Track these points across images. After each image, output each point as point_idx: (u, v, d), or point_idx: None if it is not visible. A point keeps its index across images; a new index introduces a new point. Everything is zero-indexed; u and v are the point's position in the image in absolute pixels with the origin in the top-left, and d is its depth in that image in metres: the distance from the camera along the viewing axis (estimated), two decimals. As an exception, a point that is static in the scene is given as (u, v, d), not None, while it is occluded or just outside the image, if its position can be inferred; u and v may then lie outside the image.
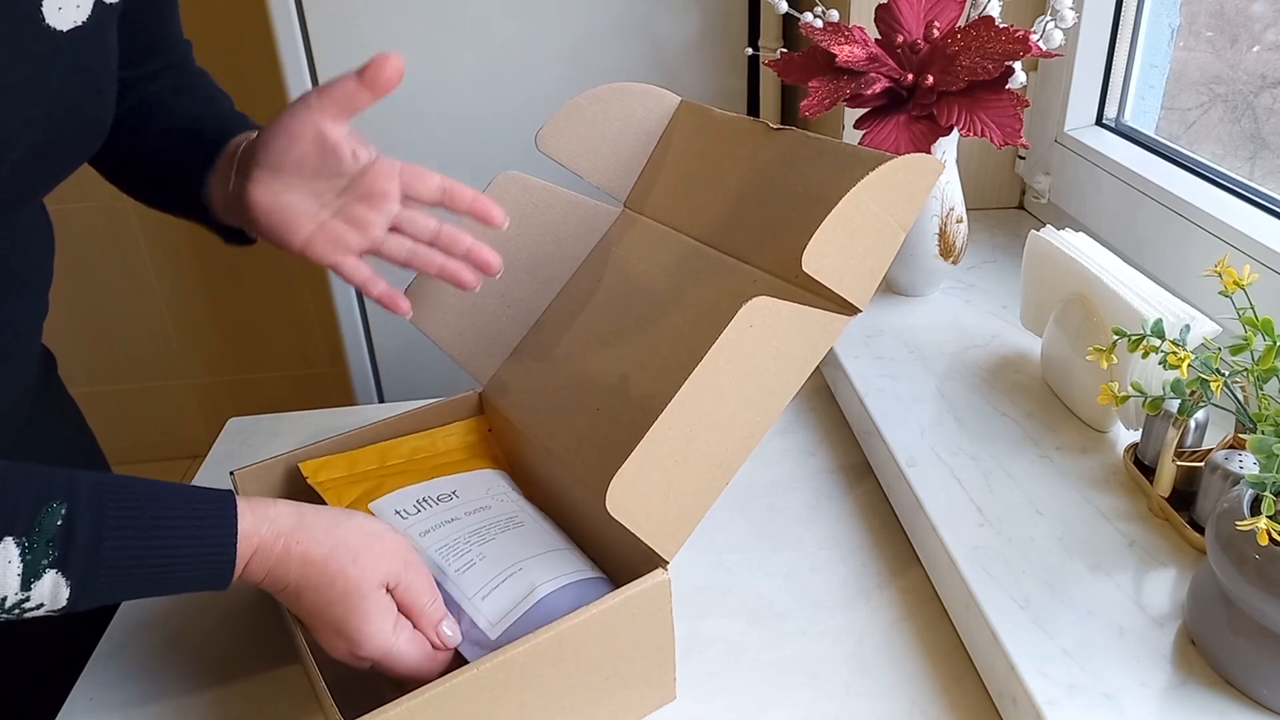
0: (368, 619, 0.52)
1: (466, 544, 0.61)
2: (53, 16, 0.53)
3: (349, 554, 0.52)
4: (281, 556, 0.51)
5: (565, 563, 0.59)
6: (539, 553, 0.60)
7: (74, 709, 0.61)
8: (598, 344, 0.67)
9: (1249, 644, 0.50)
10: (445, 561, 0.60)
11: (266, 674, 0.62)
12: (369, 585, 0.52)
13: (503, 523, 0.63)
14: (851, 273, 0.53)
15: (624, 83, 0.72)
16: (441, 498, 0.65)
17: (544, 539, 0.62)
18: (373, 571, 0.53)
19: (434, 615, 0.55)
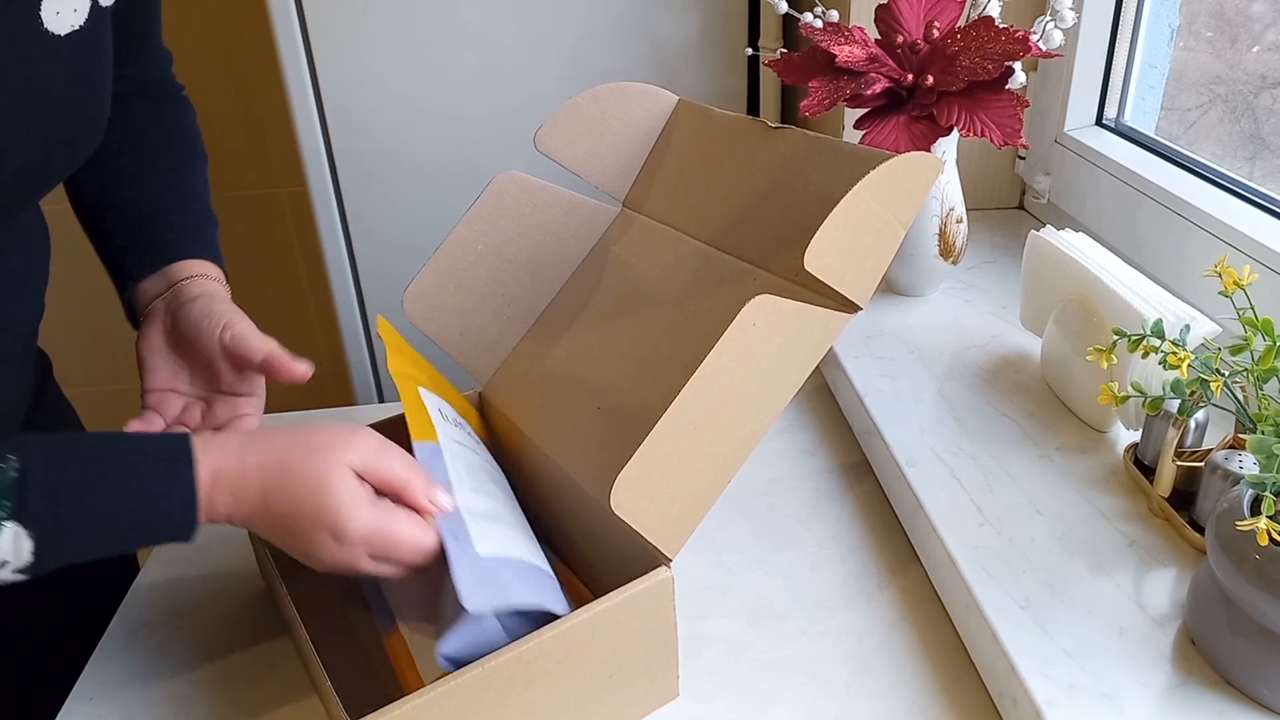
0: (341, 498, 0.50)
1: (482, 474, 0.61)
2: (51, 21, 0.53)
3: (305, 448, 0.51)
4: (239, 472, 0.50)
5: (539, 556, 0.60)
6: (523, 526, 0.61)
7: (74, 708, 0.61)
8: (598, 343, 0.67)
9: (1249, 644, 0.50)
10: (460, 478, 0.58)
11: (268, 674, 0.62)
12: (333, 465, 0.51)
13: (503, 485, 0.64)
14: (852, 271, 0.54)
15: (622, 82, 0.72)
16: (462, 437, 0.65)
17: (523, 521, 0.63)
18: (334, 456, 0.51)
19: (418, 482, 0.53)
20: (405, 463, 0.53)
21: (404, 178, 1.38)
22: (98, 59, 0.59)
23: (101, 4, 0.58)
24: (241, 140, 1.75)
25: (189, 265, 0.68)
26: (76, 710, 0.61)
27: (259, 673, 0.63)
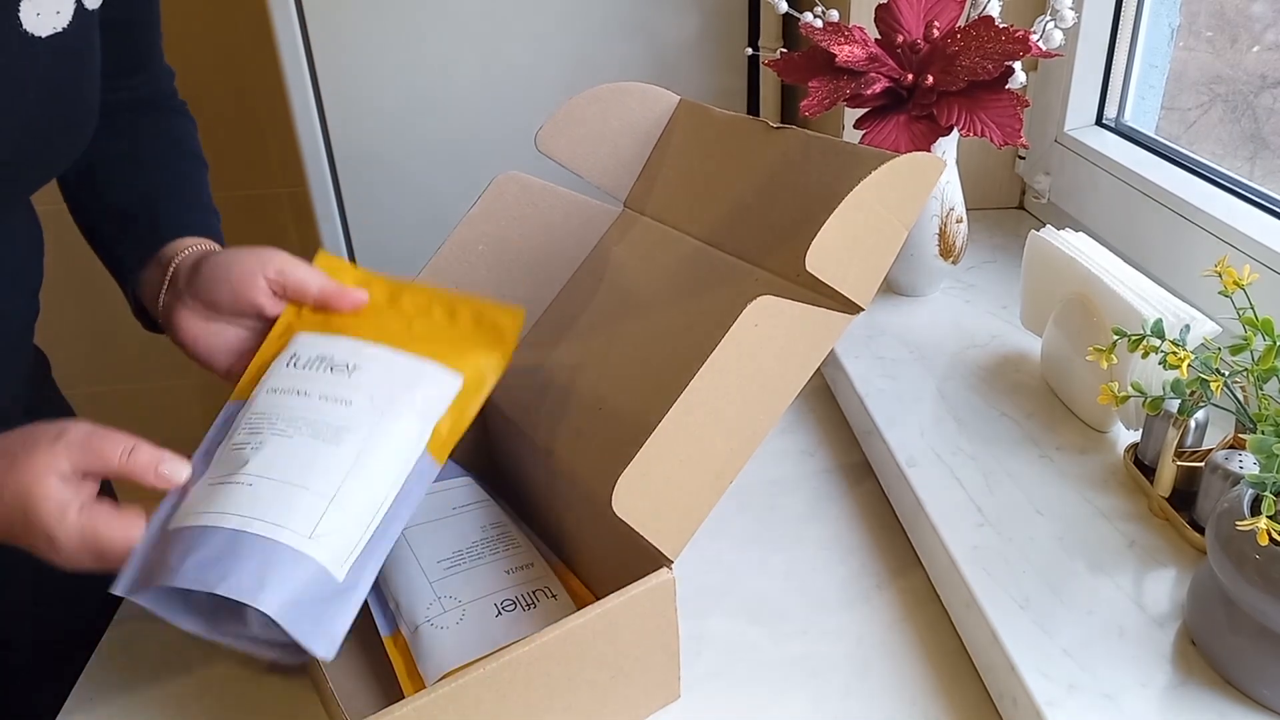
0: (44, 512, 0.48)
1: (274, 424, 0.53)
2: (31, 23, 0.53)
3: (8, 459, 0.48)
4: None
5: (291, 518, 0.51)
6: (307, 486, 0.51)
7: (74, 708, 0.61)
8: (599, 343, 0.67)
9: (1249, 644, 0.50)
10: (236, 431, 0.53)
11: (268, 674, 0.62)
12: (35, 474, 0.48)
13: (331, 432, 0.53)
14: (854, 272, 0.54)
15: (623, 82, 0.72)
16: (340, 366, 0.56)
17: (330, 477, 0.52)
18: (37, 464, 0.48)
19: (141, 462, 0.50)
20: (122, 446, 0.49)
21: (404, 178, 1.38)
22: (82, 61, 0.59)
23: (87, 6, 0.57)
24: (241, 140, 1.75)
25: (180, 243, 0.66)
26: (76, 710, 0.61)
27: (259, 673, 0.63)
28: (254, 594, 0.47)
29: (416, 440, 0.55)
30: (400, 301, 0.61)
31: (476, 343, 0.59)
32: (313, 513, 0.50)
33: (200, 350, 0.62)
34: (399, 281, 0.62)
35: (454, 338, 0.59)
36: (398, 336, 0.58)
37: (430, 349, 0.58)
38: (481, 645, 0.56)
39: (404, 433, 0.54)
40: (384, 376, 0.56)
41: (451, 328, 0.60)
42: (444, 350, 0.58)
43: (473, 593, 0.60)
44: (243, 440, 0.53)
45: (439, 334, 0.59)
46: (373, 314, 0.60)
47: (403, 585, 0.61)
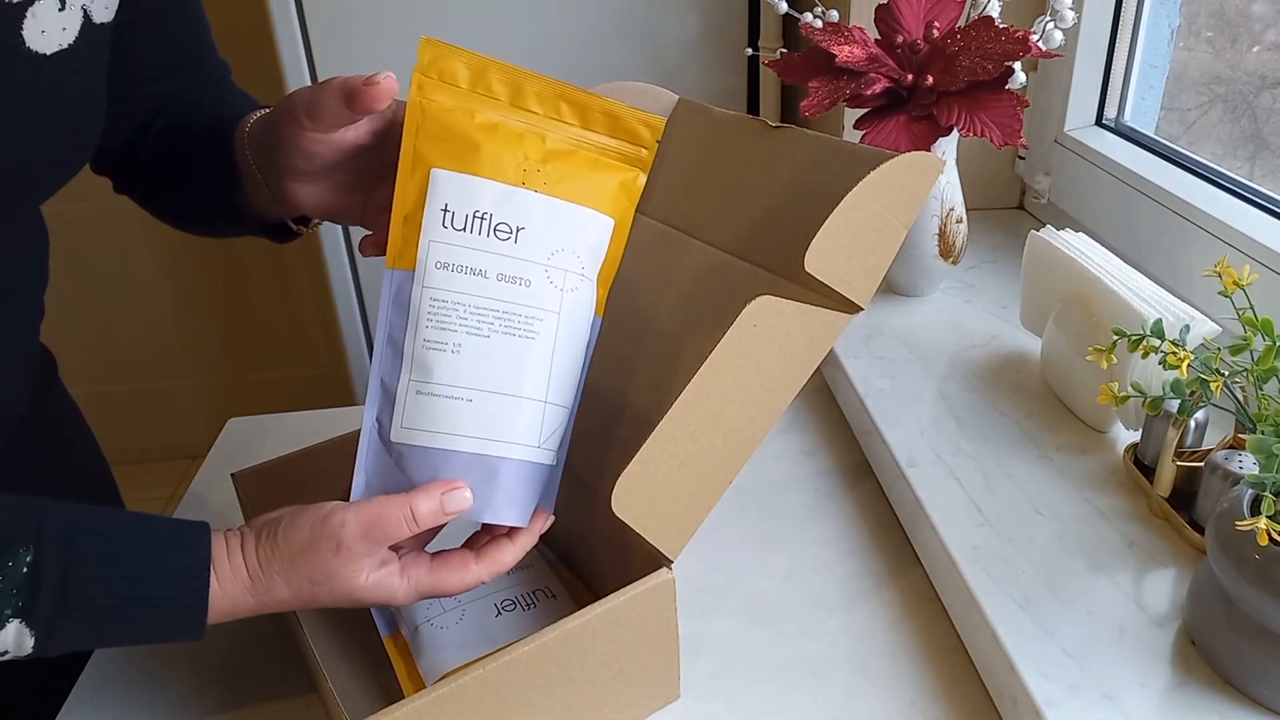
0: (374, 599, 0.51)
1: (465, 320, 0.52)
2: (35, 41, 0.53)
3: (317, 580, 0.50)
4: (256, 607, 0.51)
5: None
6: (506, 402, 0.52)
7: (74, 708, 0.61)
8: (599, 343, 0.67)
9: (1249, 644, 0.50)
10: (422, 321, 0.52)
11: (268, 674, 0.63)
12: (349, 586, 0.50)
13: (524, 326, 0.53)
14: (853, 272, 0.54)
15: (622, 81, 0.72)
16: (503, 229, 0.53)
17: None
18: (345, 578, 0.50)
19: (424, 518, 0.50)
20: (401, 517, 0.50)
21: (404, 178, 1.37)
22: (88, 77, 0.58)
23: (95, 21, 0.57)
24: (241, 140, 1.75)
25: (240, 128, 0.63)
26: (76, 710, 0.61)
27: (259, 673, 0.63)
28: (509, 515, 0.52)
29: (590, 307, 0.56)
30: (525, 98, 0.56)
31: (614, 160, 0.58)
32: (534, 422, 0.53)
33: (332, 216, 0.60)
34: (523, 72, 0.56)
35: (591, 156, 0.57)
36: (544, 169, 0.54)
37: (577, 183, 0.55)
38: (481, 645, 0.56)
39: (581, 308, 0.55)
40: (548, 240, 0.53)
41: (586, 137, 0.57)
42: (588, 182, 0.56)
43: (473, 593, 0.60)
44: (436, 339, 0.52)
45: (576, 151, 0.56)
46: (503, 123, 0.55)
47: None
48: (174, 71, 0.69)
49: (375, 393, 0.53)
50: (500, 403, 0.52)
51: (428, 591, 0.52)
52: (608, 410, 0.62)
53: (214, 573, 0.50)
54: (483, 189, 0.53)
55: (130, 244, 2.04)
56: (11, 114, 0.53)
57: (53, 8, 0.53)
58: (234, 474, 0.67)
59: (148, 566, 0.49)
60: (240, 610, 0.51)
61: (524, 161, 0.54)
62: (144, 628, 0.50)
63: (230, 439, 0.89)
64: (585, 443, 0.63)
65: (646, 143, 0.58)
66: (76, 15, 0.55)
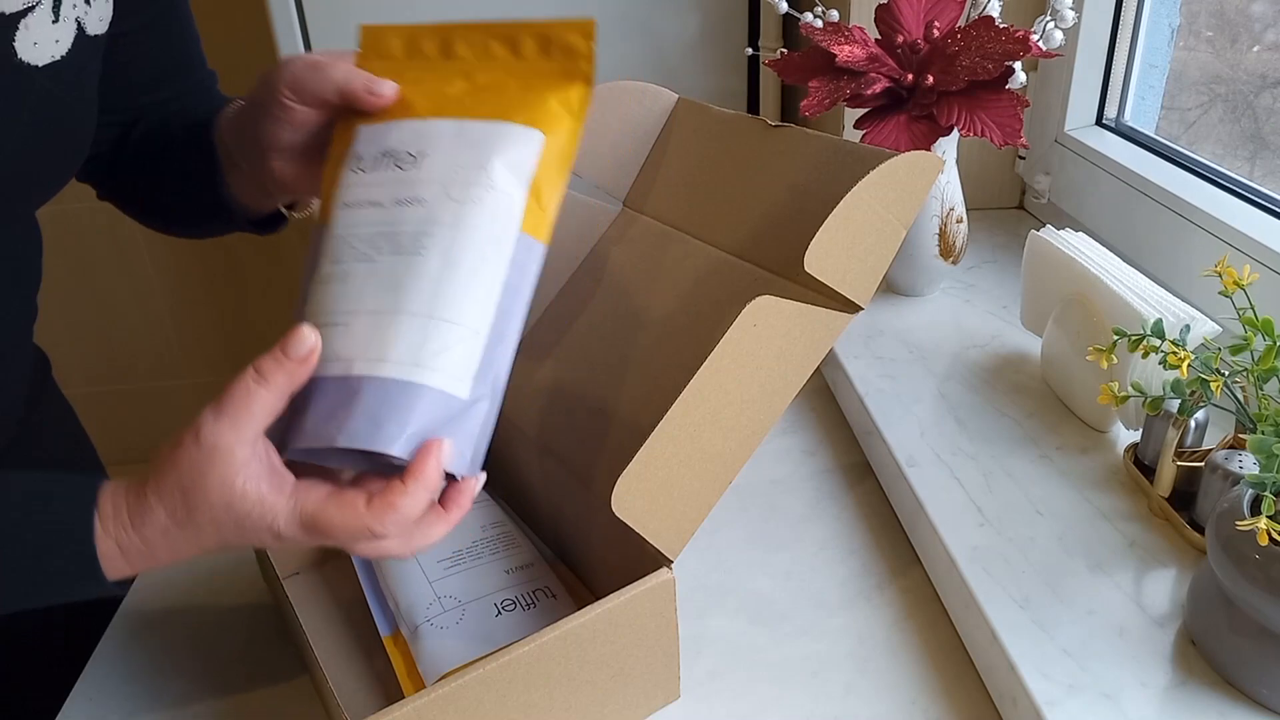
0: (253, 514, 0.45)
1: (356, 248, 0.48)
2: (26, 52, 0.53)
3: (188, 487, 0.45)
4: (140, 545, 0.46)
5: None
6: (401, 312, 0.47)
7: (74, 709, 0.61)
8: (599, 343, 0.67)
9: (1249, 644, 0.50)
10: (320, 261, 0.49)
11: (268, 674, 0.62)
12: (232, 487, 0.45)
13: (411, 241, 0.48)
14: (853, 271, 0.54)
15: (621, 81, 0.72)
16: (405, 158, 0.50)
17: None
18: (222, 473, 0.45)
19: (270, 376, 0.45)
20: (242, 380, 0.46)
21: (404, 178, 1.37)
22: (80, 89, 0.58)
23: (88, 33, 0.57)
24: (241, 140, 1.75)
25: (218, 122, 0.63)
26: (76, 710, 0.61)
27: (259, 673, 0.63)
28: (371, 438, 0.45)
29: (506, 222, 0.49)
30: (454, 48, 0.53)
31: (549, 79, 0.51)
32: (413, 337, 0.46)
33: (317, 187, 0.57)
34: (450, 26, 0.54)
35: (523, 80, 0.51)
36: (462, 100, 0.51)
37: (497, 104, 0.50)
38: (481, 645, 0.56)
39: (489, 218, 0.48)
40: (452, 158, 0.49)
41: (517, 66, 0.52)
42: (513, 101, 0.50)
43: (473, 593, 0.60)
44: (327, 273, 0.49)
45: (505, 80, 0.52)
46: (431, 76, 0.52)
47: (403, 585, 0.61)
48: (163, 81, 0.69)
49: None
50: (376, 322, 0.47)
51: (311, 523, 0.45)
52: (607, 410, 0.62)
53: (97, 513, 0.46)
54: (395, 130, 0.50)
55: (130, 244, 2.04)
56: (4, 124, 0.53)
57: (46, 20, 0.54)
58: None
59: (35, 508, 0.46)
60: (130, 551, 0.46)
61: (442, 98, 0.51)
62: (38, 577, 0.46)
63: (230, 439, 0.89)
64: (584, 443, 0.63)
65: (582, 51, 0.51)
66: (70, 27, 0.55)
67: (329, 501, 0.46)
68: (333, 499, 0.46)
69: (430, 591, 0.60)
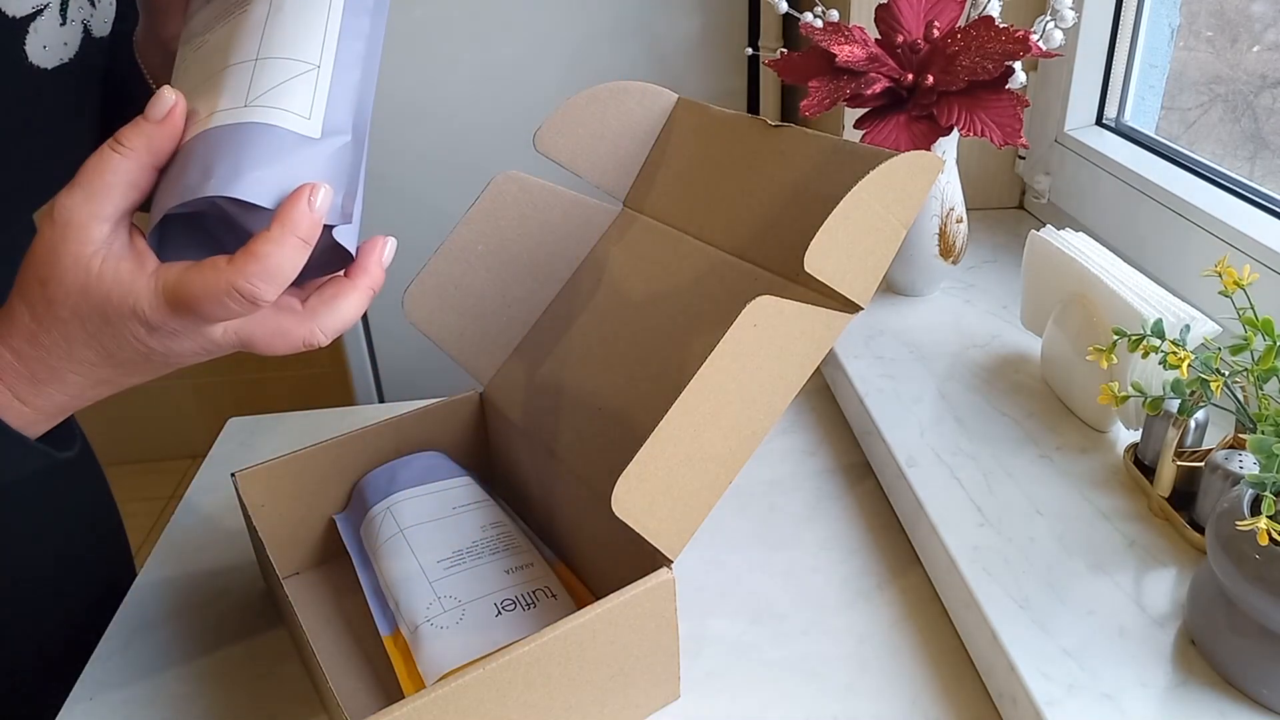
0: (112, 297, 0.41)
1: (204, 31, 0.46)
2: (37, 55, 0.53)
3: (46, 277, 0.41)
4: (12, 358, 0.43)
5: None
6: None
7: (74, 708, 0.61)
8: (599, 343, 0.67)
9: (1249, 644, 0.50)
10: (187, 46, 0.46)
11: (268, 674, 0.63)
12: (89, 269, 0.41)
13: (240, 6, 0.45)
14: (853, 271, 0.54)
15: (621, 81, 0.72)
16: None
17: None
18: (75, 252, 0.41)
19: (122, 137, 0.41)
20: (100, 150, 0.42)
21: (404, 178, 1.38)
22: (89, 90, 0.59)
23: (94, 35, 0.57)
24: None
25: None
26: (76, 710, 0.61)
27: (259, 673, 0.63)
28: (203, 186, 0.41)
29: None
30: None
31: None
32: (240, 83, 0.43)
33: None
34: None
35: None
36: None
37: None
38: (481, 645, 0.56)
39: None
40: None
41: None
42: None
43: (473, 593, 0.60)
44: (182, 57, 0.47)
45: None
46: None
47: (403, 585, 0.61)
48: None
49: None
50: (207, 86, 0.44)
51: (174, 297, 0.41)
52: (606, 410, 0.62)
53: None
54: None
55: (130, 244, 2.04)
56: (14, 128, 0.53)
57: (54, 23, 0.54)
58: (234, 474, 0.67)
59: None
60: (5, 371, 0.42)
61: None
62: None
63: (230, 439, 0.89)
64: (584, 443, 0.63)
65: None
66: (77, 30, 0.55)
67: (190, 270, 0.41)
68: (193, 267, 0.41)
69: (430, 591, 0.60)
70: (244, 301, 0.41)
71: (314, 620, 0.65)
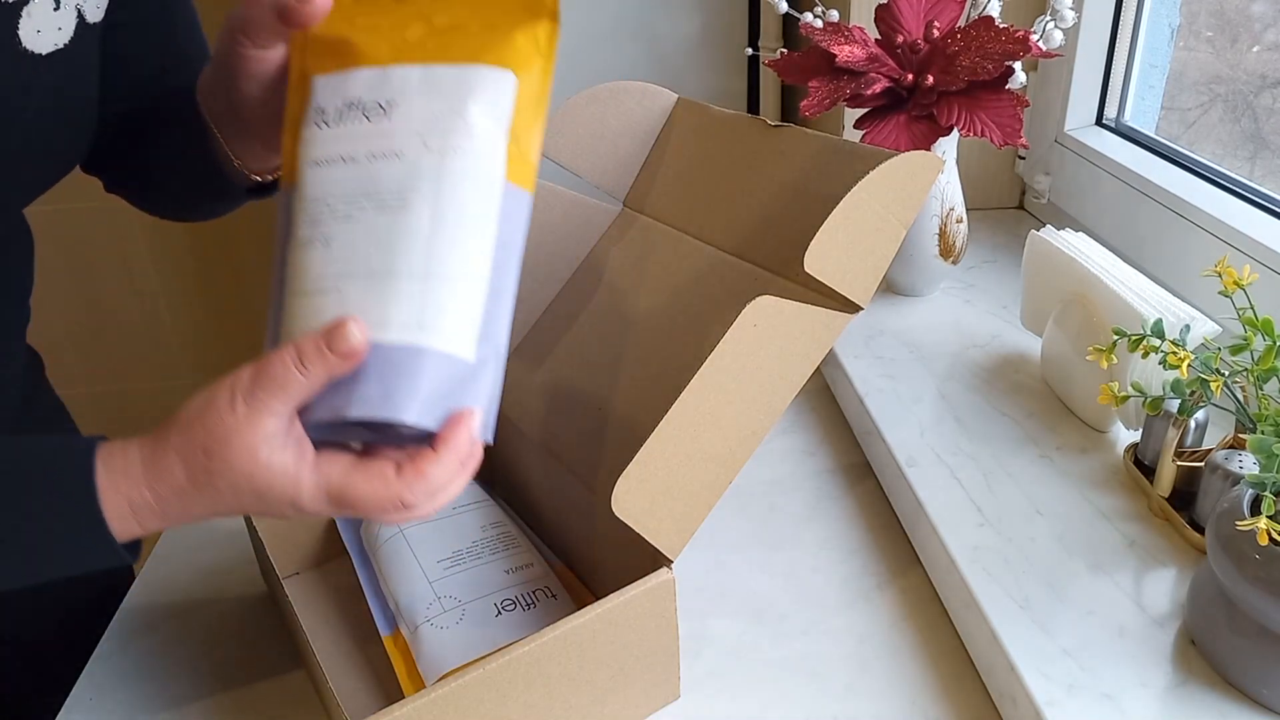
0: (273, 478, 0.44)
1: (335, 209, 0.46)
2: (31, 40, 0.53)
3: (212, 450, 0.44)
4: (154, 502, 0.45)
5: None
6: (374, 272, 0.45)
7: (74, 709, 0.61)
8: (599, 343, 0.67)
9: (1249, 644, 0.50)
10: (295, 224, 0.47)
11: (268, 674, 0.62)
12: (257, 457, 0.43)
13: (395, 198, 0.45)
14: (853, 271, 0.54)
15: (621, 81, 0.72)
16: (373, 109, 0.47)
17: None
18: (248, 441, 0.43)
19: (310, 357, 0.43)
20: (288, 359, 0.44)
21: (404, 178, 1.37)
22: (83, 77, 0.58)
23: (89, 21, 0.57)
24: (241, 140, 1.75)
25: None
26: (76, 710, 0.61)
27: (259, 673, 0.63)
28: (383, 407, 0.43)
29: (491, 173, 0.46)
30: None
31: (513, 15, 0.48)
32: (411, 299, 0.44)
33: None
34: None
35: (485, 19, 0.48)
36: (424, 43, 0.48)
37: (463, 46, 0.47)
38: (481, 645, 0.56)
39: (472, 167, 0.46)
40: (425, 105, 0.46)
41: (477, 5, 0.49)
42: (479, 42, 0.47)
43: (473, 593, 0.60)
44: (307, 235, 0.46)
45: (466, 20, 0.48)
46: (385, 21, 0.49)
47: (403, 585, 0.61)
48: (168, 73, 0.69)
49: (269, 313, 0.48)
50: (367, 285, 0.45)
51: (338, 495, 0.44)
52: (606, 410, 0.62)
53: (102, 468, 0.44)
54: (355, 79, 0.47)
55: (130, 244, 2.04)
56: (8, 114, 0.53)
57: (48, 7, 0.53)
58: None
59: (33, 474, 0.44)
60: (141, 510, 0.44)
61: (402, 43, 0.48)
62: (44, 543, 0.45)
63: (230, 439, 0.89)
64: (584, 443, 0.63)
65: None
66: (71, 15, 0.55)
67: (355, 473, 0.45)
68: (358, 470, 0.45)
69: (430, 591, 0.60)
70: (405, 513, 0.45)
71: (314, 620, 0.65)
